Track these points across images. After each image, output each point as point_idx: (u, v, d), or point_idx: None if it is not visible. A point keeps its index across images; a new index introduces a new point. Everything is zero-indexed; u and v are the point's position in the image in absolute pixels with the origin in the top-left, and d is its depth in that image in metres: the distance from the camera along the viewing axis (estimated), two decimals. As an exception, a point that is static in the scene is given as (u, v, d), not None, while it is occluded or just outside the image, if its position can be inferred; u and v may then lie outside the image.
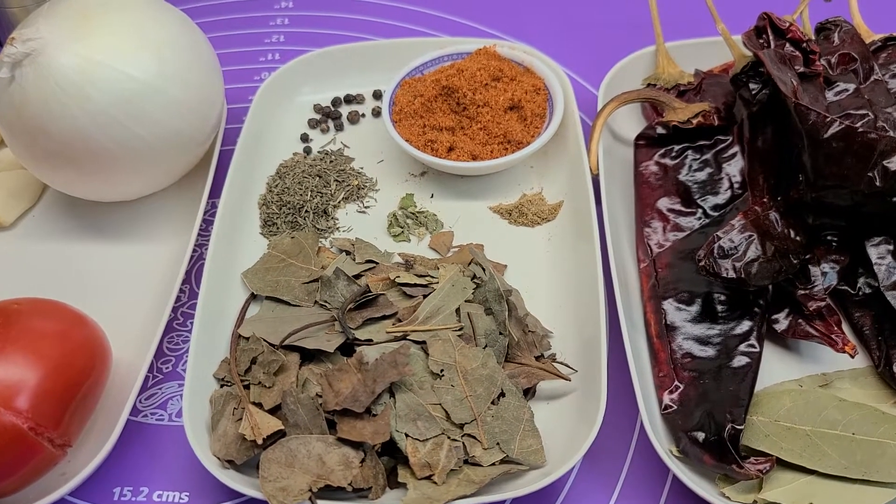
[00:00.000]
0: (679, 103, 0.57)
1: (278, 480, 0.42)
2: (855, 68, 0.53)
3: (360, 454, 0.43)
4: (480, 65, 0.61)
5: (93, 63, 0.50)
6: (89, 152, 0.52)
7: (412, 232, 0.58)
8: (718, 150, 0.56)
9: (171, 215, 0.60)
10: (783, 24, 0.54)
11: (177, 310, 0.55)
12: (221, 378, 0.48)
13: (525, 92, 0.60)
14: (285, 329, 0.49)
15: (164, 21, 0.54)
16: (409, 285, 0.50)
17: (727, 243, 0.48)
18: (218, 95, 0.58)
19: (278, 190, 0.60)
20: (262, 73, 0.72)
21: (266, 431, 0.43)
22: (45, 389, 0.43)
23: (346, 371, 0.45)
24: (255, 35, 0.76)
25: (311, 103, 0.67)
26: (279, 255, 0.55)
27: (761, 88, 0.54)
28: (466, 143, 0.59)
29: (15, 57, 0.50)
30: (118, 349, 0.50)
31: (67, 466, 0.46)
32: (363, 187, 0.61)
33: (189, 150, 0.56)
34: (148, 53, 0.52)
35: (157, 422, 0.50)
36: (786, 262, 0.48)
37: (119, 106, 0.51)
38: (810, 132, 0.47)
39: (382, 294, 0.50)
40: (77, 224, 0.60)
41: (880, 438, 0.43)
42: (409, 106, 0.61)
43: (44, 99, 0.50)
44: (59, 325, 0.46)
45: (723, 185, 0.55)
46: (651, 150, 0.58)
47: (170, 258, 0.57)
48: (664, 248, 0.54)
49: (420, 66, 0.64)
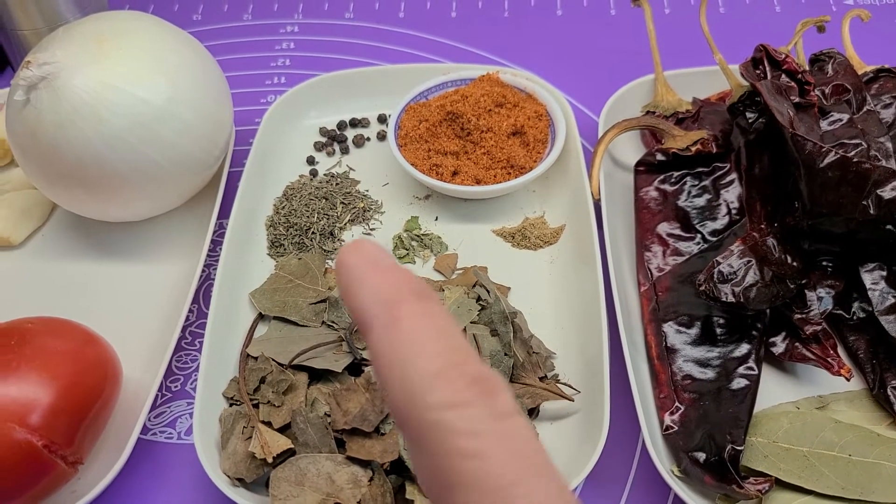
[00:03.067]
0: (678, 131, 0.59)
1: (289, 499, 0.42)
2: (848, 98, 0.55)
3: (368, 473, 0.44)
4: (484, 91, 0.62)
5: (108, 87, 0.51)
6: (102, 174, 0.53)
7: (417, 254, 0.59)
8: (716, 177, 0.57)
9: (181, 236, 0.60)
10: (779, 56, 0.55)
11: (185, 329, 0.56)
12: (230, 397, 0.49)
13: (528, 118, 0.62)
14: (293, 349, 0.49)
15: (176, 46, 0.55)
16: None
17: (727, 268, 0.49)
18: (227, 118, 0.59)
19: (285, 212, 0.61)
20: (269, 96, 0.73)
21: (276, 450, 0.44)
22: (59, 407, 0.44)
23: (354, 391, 0.46)
24: (261, 59, 0.77)
25: (317, 126, 0.68)
26: (286, 275, 0.56)
27: (758, 117, 0.56)
28: (470, 167, 0.60)
29: (31, 80, 0.51)
30: (128, 368, 0.51)
31: (78, 484, 0.47)
32: (369, 210, 0.62)
33: (199, 172, 0.57)
34: (162, 78, 0.53)
35: (166, 440, 0.50)
36: (783, 287, 0.49)
37: (133, 130, 0.52)
38: (806, 161, 0.49)
39: None
40: (86, 243, 0.60)
41: (875, 460, 0.44)
42: (414, 130, 0.62)
43: (58, 122, 0.51)
44: (71, 344, 0.47)
45: (721, 211, 0.56)
46: (651, 176, 0.59)
47: (179, 278, 0.57)
48: (664, 272, 0.55)
49: (425, 91, 0.65)
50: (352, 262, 0.23)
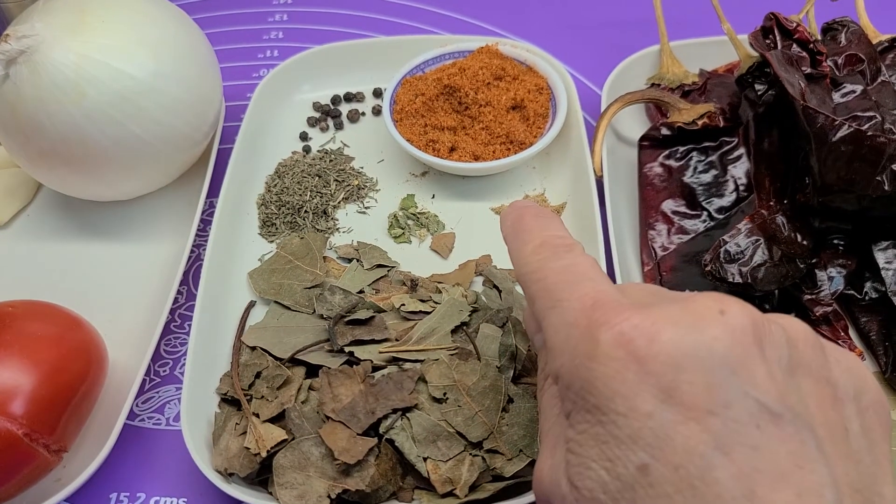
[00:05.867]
0: (684, 104, 0.57)
1: (294, 487, 0.41)
2: (862, 69, 0.53)
3: (374, 451, 0.41)
4: (482, 63, 0.60)
5: (89, 60, 0.49)
6: (85, 151, 0.51)
7: (413, 233, 0.57)
8: (724, 152, 0.55)
9: (169, 215, 0.59)
10: (790, 25, 0.53)
11: (174, 312, 0.54)
12: (224, 393, 0.47)
13: (528, 91, 0.59)
14: (290, 340, 0.48)
15: (161, 18, 0.53)
16: (413, 313, 0.49)
17: (733, 248, 0.47)
18: (216, 93, 0.57)
19: (277, 190, 0.59)
20: (261, 70, 0.71)
21: (270, 443, 0.42)
22: (40, 395, 0.42)
23: (349, 376, 0.44)
24: (253, 31, 0.75)
25: (310, 101, 0.66)
26: (287, 255, 0.54)
27: (767, 89, 0.54)
28: (468, 143, 0.58)
29: (9, 54, 0.49)
30: (114, 352, 0.49)
31: (63, 472, 0.46)
32: (363, 187, 0.60)
33: (186, 148, 0.55)
34: (145, 51, 0.51)
35: (154, 426, 0.49)
36: (792, 267, 0.47)
37: (116, 104, 0.50)
38: (818, 135, 0.47)
39: (373, 316, 0.48)
40: (72, 224, 0.59)
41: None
42: (410, 105, 0.60)
43: (39, 97, 0.49)
44: (54, 329, 0.45)
45: (728, 188, 0.54)
46: (655, 152, 0.57)
47: (167, 259, 0.56)
48: (669, 251, 0.53)
49: (421, 64, 0.63)
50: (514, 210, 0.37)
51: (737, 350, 0.25)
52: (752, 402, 0.25)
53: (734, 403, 0.25)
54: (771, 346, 0.26)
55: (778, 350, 0.27)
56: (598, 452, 0.26)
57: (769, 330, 0.27)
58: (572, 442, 0.27)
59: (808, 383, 0.27)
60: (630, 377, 0.26)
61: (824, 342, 0.29)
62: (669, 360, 0.25)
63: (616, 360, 0.26)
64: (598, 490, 0.26)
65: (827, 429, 0.26)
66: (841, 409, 0.27)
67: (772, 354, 0.26)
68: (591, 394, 0.27)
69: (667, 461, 0.25)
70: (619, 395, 0.26)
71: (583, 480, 0.27)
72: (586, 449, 0.27)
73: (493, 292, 0.51)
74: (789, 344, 0.27)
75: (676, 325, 0.26)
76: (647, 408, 0.25)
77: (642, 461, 0.25)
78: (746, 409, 0.25)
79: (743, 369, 0.25)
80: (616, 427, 0.26)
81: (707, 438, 0.24)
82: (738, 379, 0.25)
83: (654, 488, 0.25)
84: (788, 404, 0.25)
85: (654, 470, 0.25)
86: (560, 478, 0.28)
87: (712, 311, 0.26)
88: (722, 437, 0.24)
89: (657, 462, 0.25)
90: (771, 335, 0.27)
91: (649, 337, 0.26)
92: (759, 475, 0.24)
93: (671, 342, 0.26)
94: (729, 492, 0.24)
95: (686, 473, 0.24)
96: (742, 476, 0.24)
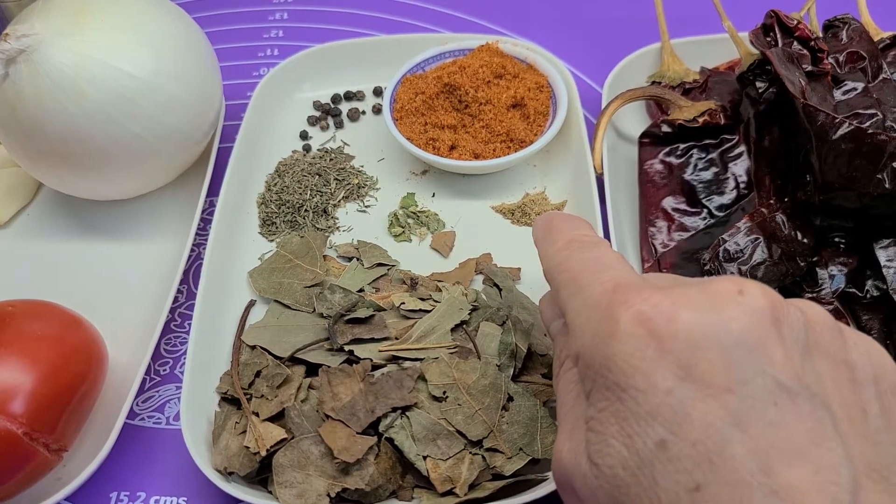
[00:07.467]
0: (684, 101, 0.57)
1: (294, 486, 0.41)
2: (863, 67, 0.52)
3: (374, 450, 0.41)
4: (483, 62, 0.60)
5: (89, 60, 0.49)
6: (85, 150, 0.51)
7: (413, 232, 0.57)
8: (724, 150, 0.55)
9: (169, 214, 0.59)
10: (791, 22, 0.53)
11: (174, 311, 0.54)
12: (224, 392, 0.47)
13: (528, 89, 0.59)
14: (290, 339, 0.48)
15: (160, 17, 0.53)
16: (412, 311, 0.48)
17: (733, 246, 0.47)
18: (216, 92, 0.57)
19: (277, 188, 0.59)
20: (261, 68, 0.71)
21: (270, 442, 0.42)
22: (41, 394, 0.42)
23: (349, 374, 0.44)
24: (253, 30, 0.75)
25: (310, 100, 0.66)
26: (287, 254, 0.54)
27: (768, 87, 0.54)
28: (469, 141, 0.58)
29: (9, 53, 0.49)
30: (114, 351, 0.49)
31: (63, 471, 0.46)
32: (363, 186, 0.60)
33: (187, 147, 0.55)
34: (145, 50, 0.51)
35: (154, 425, 0.49)
36: (793, 265, 0.47)
37: (115, 103, 0.50)
38: (819, 133, 0.46)
39: (373, 315, 0.48)
40: (72, 223, 0.59)
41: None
42: (410, 103, 0.60)
43: (38, 96, 0.49)
44: (54, 328, 0.45)
45: (728, 185, 0.54)
46: (656, 149, 0.57)
47: (167, 258, 0.56)
48: (669, 248, 0.53)
49: (421, 62, 0.63)
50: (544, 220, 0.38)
51: (754, 330, 0.26)
52: (770, 379, 0.25)
53: (751, 381, 0.25)
54: (788, 328, 0.27)
55: (795, 331, 0.27)
56: (618, 429, 0.27)
57: (787, 312, 0.27)
58: (593, 420, 0.28)
59: (825, 365, 0.27)
60: (650, 354, 0.26)
61: (843, 326, 0.29)
62: (688, 338, 0.26)
63: (636, 338, 0.27)
64: (618, 466, 0.26)
65: (844, 409, 0.27)
66: (859, 391, 0.27)
67: (789, 335, 0.27)
68: (610, 371, 0.27)
69: (685, 437, 0.25)
70: (638, 371, 0.26)
71: (603, 458, 0.27)
72: (606, 426, 0.27)
73: (494, 291, 0.51)
74: (807, 326, 0.27)
75: (695, 305, 0.26)
76: (666, 384, 0.26)
77: (661, 437, 0.25)
78: (764, 386, 0.25)
79: (760, 349, 0.26)
80: (635, 403, 0.26)
81: (724, 415, 0.25)
82: (756, 358, 0.25)
83: (673, 463, 0.25)
84: (805, 383, 0.26)
85: (672, 445, 0.25)
86: (580, 457, 0.28)
87: (731, 292, 0.27)
88: (739, 414, 0.25)
89: (675, 437, 0.25)
90: (789, 317, 0.27)
91: (668, 316, 0.26)
92: (776, 451, 0.24)
93: (690, 321, 0.26)
94: (746, 467, 0.24)
95: (704, 449, 0.25)
96: (759, 452, 0.24)
